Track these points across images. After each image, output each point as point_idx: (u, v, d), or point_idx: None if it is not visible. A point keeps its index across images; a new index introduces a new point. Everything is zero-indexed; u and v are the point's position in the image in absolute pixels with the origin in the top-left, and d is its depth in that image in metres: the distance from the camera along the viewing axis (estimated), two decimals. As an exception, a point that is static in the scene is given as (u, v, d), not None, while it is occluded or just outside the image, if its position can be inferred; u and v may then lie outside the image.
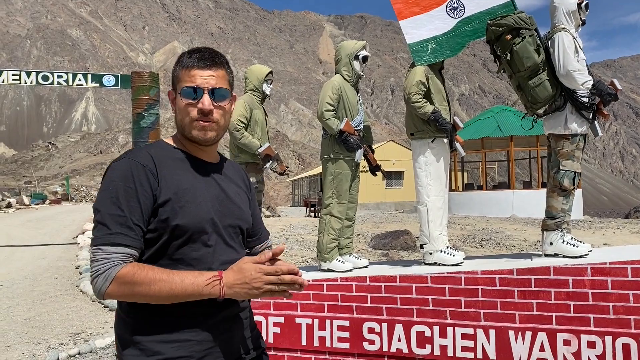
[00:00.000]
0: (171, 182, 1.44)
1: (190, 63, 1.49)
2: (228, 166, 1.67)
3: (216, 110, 1.49)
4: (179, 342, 1.38)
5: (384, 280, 3.79)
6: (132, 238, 1.37)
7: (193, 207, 1.44)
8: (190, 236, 1.42)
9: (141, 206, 1.39)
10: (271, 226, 15.12)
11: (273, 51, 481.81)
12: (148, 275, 1.33)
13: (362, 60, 4.42)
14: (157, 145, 1.54)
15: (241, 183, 1.68)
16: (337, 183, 4.30)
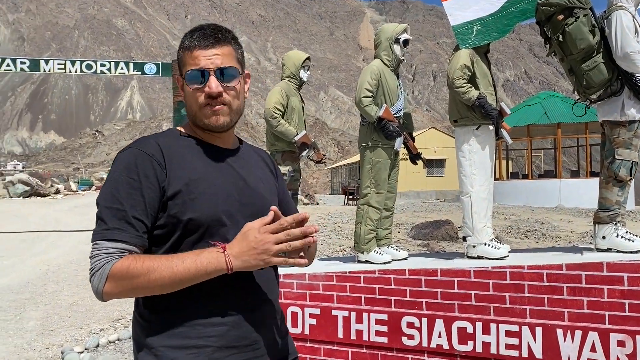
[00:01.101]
0: (181, 173, 1.31)
1: (192, 43, 1.35)
2: (249, 152, 1.52)
3: (226, 92, 1.35)
4: (197, 349, 1.27)
5: (424, 274, 3.65)
6: (130, 234, 1.25)
7: (207, 199, 1.30)
8: (206, 230, 1.29)
9: (145, 199, 1.27)
10: (310, 214, 15.11)
11: (313, 38, 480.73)
12: (145, 264, 1.20)
13: (403, 44, 4.25)
14: (167, 133, 1.41)
15: (265, 169, 1.54)
16: (375, 172, 4.16)
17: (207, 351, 1.27)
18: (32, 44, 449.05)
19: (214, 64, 1.33)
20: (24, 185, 24.71)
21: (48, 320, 5.36)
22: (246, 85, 1.46)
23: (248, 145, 1.56)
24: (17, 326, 5.14)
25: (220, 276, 1.25)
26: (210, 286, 1.27)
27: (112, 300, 1.35)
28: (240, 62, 1.40)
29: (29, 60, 10.99)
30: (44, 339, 4.73)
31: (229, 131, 1.43)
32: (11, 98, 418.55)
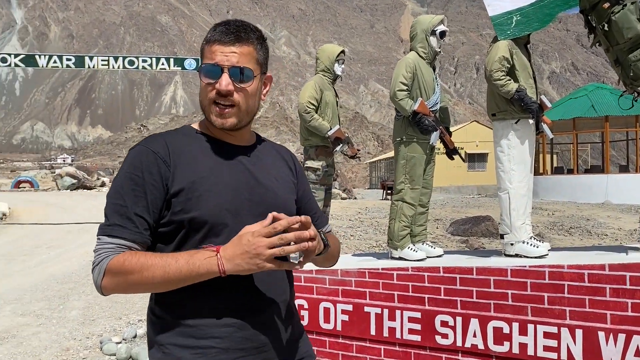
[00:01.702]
0: (188, 171, 1.28)
1: (213, 37, 1.32)
2: (266, 148, 1.48)
3: (237, 92, 1.31)
4: (202, 349, 1.25)
5: (459, 272, 3.56)
6: (130, 230, 1.24)
7: (211, 197, 1.27)
8: (211, 229, 1.27)
9: (147, 197, 1.26)
10: (346, 208, 15.05)
11: (353, 31, 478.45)
12: (139, 261, 1.19)
13: (440, 36, 4.14)
14: (178, 130, 1.40)
15: (283, 167, 1.49)
16: (410, 167, 4.08)
17: (212, 352, 1.25)
18: (81, 41, 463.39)
19: (229, 62, 1.30)
20: (71, 178, 25.59)
21: (89, 310, 5.51)
22: (265, 88, 1.41)
23: (267, 142, 1.52)
24: (60, 315, 5.31)
25: (227, 278, 1.22)
26: (217, 286, 1.25)
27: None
28: (260, 64, 1.36)
29: (74, 57, 11.31)
30: (85, 329, 4.86)
31: (243, 130, 1.40)
32: (61, 94, 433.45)
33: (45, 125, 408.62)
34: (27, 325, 4.94)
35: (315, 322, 3.99)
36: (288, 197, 1.44)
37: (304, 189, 1.55)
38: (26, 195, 22.16)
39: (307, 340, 1.48)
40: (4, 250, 9.30)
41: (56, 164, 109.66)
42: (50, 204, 18.00)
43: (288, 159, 1.53)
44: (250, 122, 1.40)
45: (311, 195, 1.60)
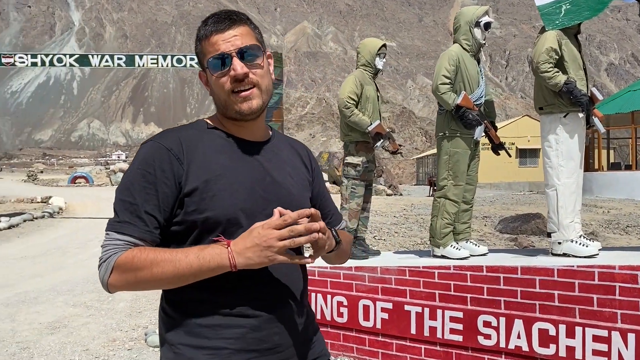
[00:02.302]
0: (202, 169, 1.25)
1: (207, 31, 1.28)
2: (280, 144, 1.43)
3: (252, 72, 1.27)
4: (214, 350, 1.23)
5: (503, 271, 3.44)
6: (140, 228, 1.21)
7: (226, 196, 1.24)
8: (225, 230, 1.23)
9: (158, 194, 1.22)
10: (391, 205, 14.90)
11: (401, 25, 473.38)
12: (149, 257, 1.16)
13: (484, 27, 4.02)
14: (192, 125, 1.36)
15: (298, 163, 1.45)
16: (453, 163, 3.98)
17: (224, 353, 1.22)
18: (134, 41, 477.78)
19: (234, 46, 1.26)
20: (123, 173, 26.47)
21: (136, 302, 5.66)
22: (270, 66, 1.36)
23: (282, 137, 1.48)
24: (109, 307, 5.48)
25: (239, 275, 1.20)
26: (230, 285, 1.23)
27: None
28: (260, 41, 1.33)
29: (125, 56, 11.65)
30: (131, 320, 4.99)
31: (259, 122, 1.36)
32: (115, 92, 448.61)
33: (101, 122, 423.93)
34: (78, 315, 5.12)
35: (354, 320, 3.96)
36: (303, 195, 1.40)
37: (319, 186, 1.51)
38: (81, 191, 23.07)
39: (321, 339, 1.44)
40: (59, 243, 9.69)
41: (111, 160, 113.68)
42: (103, 198, 18.64)
43: (304, 155, 1.49)
44: (264, 111, 1.35)
45: (327, 193, 1.55)
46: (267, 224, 1.14)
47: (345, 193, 4.48)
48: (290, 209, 1.20)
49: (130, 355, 4.08)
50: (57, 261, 8.03)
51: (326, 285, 4.10)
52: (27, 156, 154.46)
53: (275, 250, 1.13)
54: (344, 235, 1.48)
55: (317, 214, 1.18)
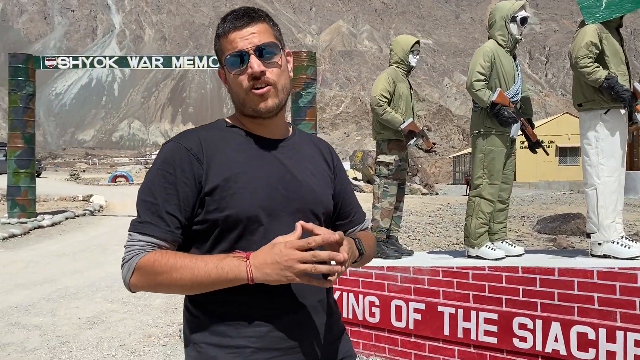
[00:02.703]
0: (221, 167, 1.25)
1: (225, 28, 1.28)
2: (303, 141, 1.42)
3: (269, 71, 1.26)
4: (236, 348, 1.22)
5: (539, 272, 3.35)
6: (161, 229, 1.22)
7: (246, 194, 1.23)
8: (246, 228, 1.23)
9: (179, 194, 1.23)
10: (427, 204, 14.73)
11: (437, 23, 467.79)
12: (169, 262, 1.17)
13: (521, 22, 3.91)
14: (212, 125, 1.37)
15: (320, 160, 1.43)
16: (488, 162, 3.90)
17: (246, 352, 1.22)
18: (172, 43, 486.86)
19: (251, 44, 1.25)
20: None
21: (172, 298, 5.75)
22: (289, 64, 1.36)
23: (303, 134, 1.46)
24: (146, 303, 5.58)
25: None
26: (250, 284, 1.20)
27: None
28: (278, 39, 1.32)
29: (163, 57, 11.87)
30: (167, 317, 5.08)
31: (277, 119, 1.34)
32: (155, 93, 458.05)
33: (141, 123, 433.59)
34: (115, 311, 5.24)
35: (386, 320, 3.92)
36: (325, 193, 1.38)
37: (341, 184, 1.48)
38: (121, 189, 23.63)
39: (347, 340, 1.42)
40: (99, 241, 9.95)
41: (150, 159, 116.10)
42: (143, 197, 19.05)
43: (326, 152, 1.47)
44: (285, 106, 1.35)
45: (350, 190, 1.52)
46: (290, 243, 1.13)
47: (377, 192, 4.44)
48: (311, 206, 1.21)
49: (165, 351, 4.14)
50: (97, 258, 8.24)
51: (358, 285, 4.08)
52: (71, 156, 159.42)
53: (295, 272, 1.12)
54: (367, 238, 1.45)
55: (342, 238, 1.17)
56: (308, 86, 11.30)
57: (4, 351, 4.11)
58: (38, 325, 4.73)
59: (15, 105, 11.61)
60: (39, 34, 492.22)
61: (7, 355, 4.03)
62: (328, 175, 1.43)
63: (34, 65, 11.79)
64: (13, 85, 11.59)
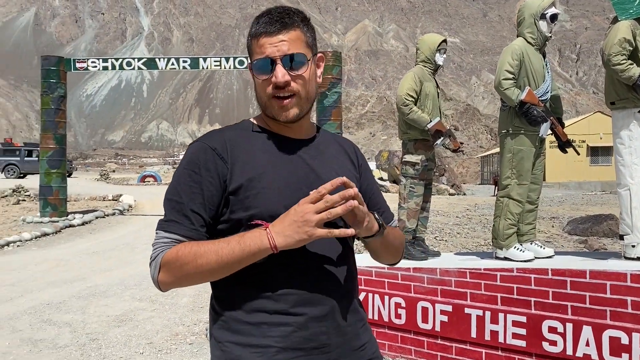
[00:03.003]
0: (246, 167, 1.26)
1: (258, 30, 1.28)
2: (327, 141, 1.42)
3: (294, 81, 1.26)
4: (261, 348, 1.22)
5: (570, 275, 3.27)
6: (186, 227, 1.24)
7: (270, 194, 1.24)
8: None
9: (204, 193, 1.25)
10: (454, 205, 14.58)
11: (465, 21, 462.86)
12: (192, 250, 1.19)
13: (550, 19, 3.83)
14: (237, 125, 1.37)
15: (345, 160, 1.42)
16: (517, 162, 3.83)
17: (270, 351, 1.22)
18: (200, 44, 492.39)
19: (280, 52, 1.25)
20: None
21: (199, 297, 5.81)
22: (319, 69, 1.35)
23: (328, 134, 1.46)
24: (173, 302, 5.65)
25: (286, 273, 1.21)
26: (277, 283, 1.22)
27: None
28: (310, 46, 1.31)
29: (190, 59, 12.01)
30: (193, 315, 5.13)
31: (302, 121, 1.35)
32: (183, 94, 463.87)
33: (169, 124, 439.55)
34: (143, 309, 5.31)
35: (412, 322, 3.88)
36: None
37: (367, 183, 1.46)
38: (150, 189, 23.98)
39: (373, 341, 1.40)
40: (128, 239, 10.11)
41: (178, 159, 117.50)
42: (171, 197, 19.30)
43: (350, 152, 1.46)
44: (309, 111, 1.35)
45: (376, 189, 1.50)
46: (302, 200, 1.15)
47: (403, 192, 4.41)
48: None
49: (192, 350, 4.18)
50: (126, 256, 8.38)
51: (384, 286, 4.05)
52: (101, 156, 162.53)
53: (313, 224, 1.13)
54: (394, 230, 1.44)
55: (349, 182, 1.17)
56: (333, 86, 11.29)
57: (36, 347, 4.21)
58: (68, 323, 4.83)
59: (48, 107, 11.88)
60: (71, 37, 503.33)
61: (39, 352, 4.12)
62: (353, 174, 1.41)
63: (65, 67, 12.05)
64: (45, 87, 11.87)
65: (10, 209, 14.24)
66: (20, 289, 6.13)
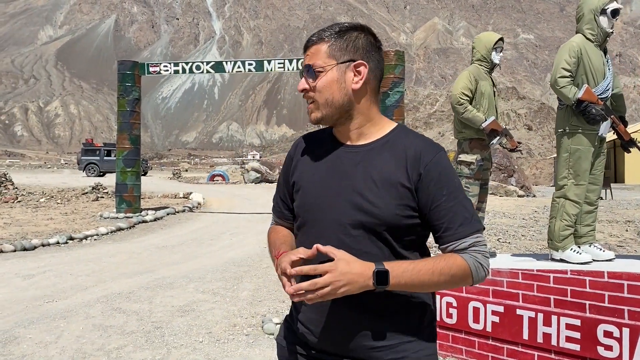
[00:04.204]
0: (300, 166, 1.50)
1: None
2: (387, 146, 1.38)
3: (311, 89, 1.41)
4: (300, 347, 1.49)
5: (627, 278, 3.17)
6: (277, 210, 1.60)
7: (305, 192, 1.45)
8: (304, 220, 1.45)
9: (283, 184, 1.58)
10: (522, 207, 14.12)
11: (540, 17, 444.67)
12: (270, 237, 1.56)
13: (611, 15, 3.71)
14: (325, 129, 1.57)
15: (394, 169, 1.34)
16: (574, 161, 3.73)
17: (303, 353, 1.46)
18: (269, 47, 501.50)
19: (304, 63, 1.44)
20: (255, 172, 27.97)
21: (258, 291, 6.00)
22: (357, 76, 1.38)
23: (398, 139, 1.39)
24: (233, 295, 5.87)
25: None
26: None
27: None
28: (334, 55, 1.37)
29: (255, 62, 12.35)
30: (252, 308, 5.32)
31: (347, 126, 1.42)
32: (252, 96, 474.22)
33: (239, 125, 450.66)
34: (205, 301, 5.56)
35: (463, 321, 3.87)
36: (383, 203, 1.31)
37: (428, 195, 1.33)
38: (218, 188, 24.76)
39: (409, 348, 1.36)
40: (196, 235, 10.54)
41: (246, 159, 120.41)
42: (237, 195, 19.88)
43: (410, 161, 1.34)
44: (344, 116, 1.40)
45: (442, 203, 1.32)
46: (288, 254, 1.35)
47: (457, 192, 4.39)
48: (359, 216, 1.32)
49: (247, 341, 4.36)
50: (192, 251, 8.75)
51: (435, 285, 4.05)
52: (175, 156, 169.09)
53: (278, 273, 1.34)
54: (432, 263, 1.29)
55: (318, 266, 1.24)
56: (396, 85, 11.26)
57: (106, 332, 4.53)
58: (136, 311, 5.15)
59: (123, 109, 12.58)
60: (147, 41, 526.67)
61: (109, 337, 4.43)
62: (399, 184, 1.33)
63: (139, 71, 12.72)
64: (121, 91, 12.58)
65: (89, 205, 15.17)
66: (94, 278, 6.57)
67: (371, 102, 1.41)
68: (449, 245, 1.32)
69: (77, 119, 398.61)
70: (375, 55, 1.40)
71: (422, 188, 1.32)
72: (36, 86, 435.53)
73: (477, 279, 1.33)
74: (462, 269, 1.29)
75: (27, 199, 16.25)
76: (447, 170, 1.34)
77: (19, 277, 6.64)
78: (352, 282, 1.21)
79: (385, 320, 1.33)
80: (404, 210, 1.31)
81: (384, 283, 1.22)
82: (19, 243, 8.71)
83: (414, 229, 1.34)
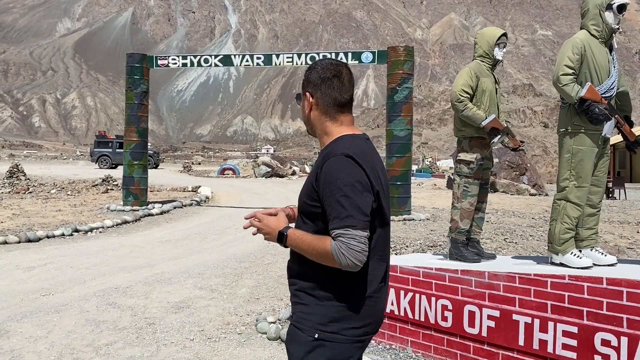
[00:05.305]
0: None
1: None
2: (321, 154, 1.85)
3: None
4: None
5: (627, 285, 3.04)
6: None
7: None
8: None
9: None
10: (532, 206, 13.93)
11: (558, 13, 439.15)
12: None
13: (617, 10, 3.56)
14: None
15: (313, 171, 1.83)
16: (576, 162, 3.60)
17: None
18: (284, 41, 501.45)
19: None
20: (266, 166, 27.95)
21: (257, 289, 5.94)
22: (308, 103, 1.91)
23: (322, 153, 1.84)
24: (231, 291, 5.82)
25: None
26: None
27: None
28: (304, 87, 1.91)
29: (263, 56, 12.26)
30: (248, 306, 5.26)
31: (320, 138, 1.91)
32: (266, 90, 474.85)
33: (253, 118, 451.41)
34: (202, 298, 5.51)
35: (459, 325, 3.76)
36: (302, 199, 1.85)
37: (320, 192, 1.77)
38: (228, 181, 24.78)
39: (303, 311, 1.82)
40: (200, 229, 10.52)
41: (260, 153, 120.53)
42: (246, 189, 19.85)
43: (319, 166, 1.80)
44: (317, 133, 1.92)
45: (326, 200, 1.73)
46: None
47: (457, 192, 4.27)
48: (299, 202, 1.87)
49: (239, 339, 4.30)
50: (195, 245, 8.72)
51: (431, 287, 3.95)
52: (189, 149, 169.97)
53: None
54: (301, 239, 1.79)
55: (250, 216, 1.96)
56: (404, 81, 11.10)
57: (98, 327, 4.49)
58: (131, 307, 5.11)
59: (131, 102, 12.58)
60: (164, 34, 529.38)
61: (100, 332, 4.39)
62: (312, 184, 1.81)
63: (148, 64, 12.70)
64: (130, 83, 12.58)
65: (99, 197, 15.24)
66: (94, 272, 6.55)
67: (324, 120, 1.88)
68: (330, 231, 1.71)
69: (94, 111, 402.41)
70: (324, 85, 1.85)
71: (318, 187, 1.77)
72: (54, 78, 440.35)
73: (342, 264, 1.67)
74: (326, 250, 1.70)
75: (38, 190, 16.38)
76: (331, 173, 1.73)
77: (19, 269, 6.65)
78: (269, 233, 1.85)
79: (296, 277, 1.88)
80: (309, 201, 1.81)
81: (281, 241, 1.81)
82: (24, 234, 8.75)
83: (318, 215, 1.78)
